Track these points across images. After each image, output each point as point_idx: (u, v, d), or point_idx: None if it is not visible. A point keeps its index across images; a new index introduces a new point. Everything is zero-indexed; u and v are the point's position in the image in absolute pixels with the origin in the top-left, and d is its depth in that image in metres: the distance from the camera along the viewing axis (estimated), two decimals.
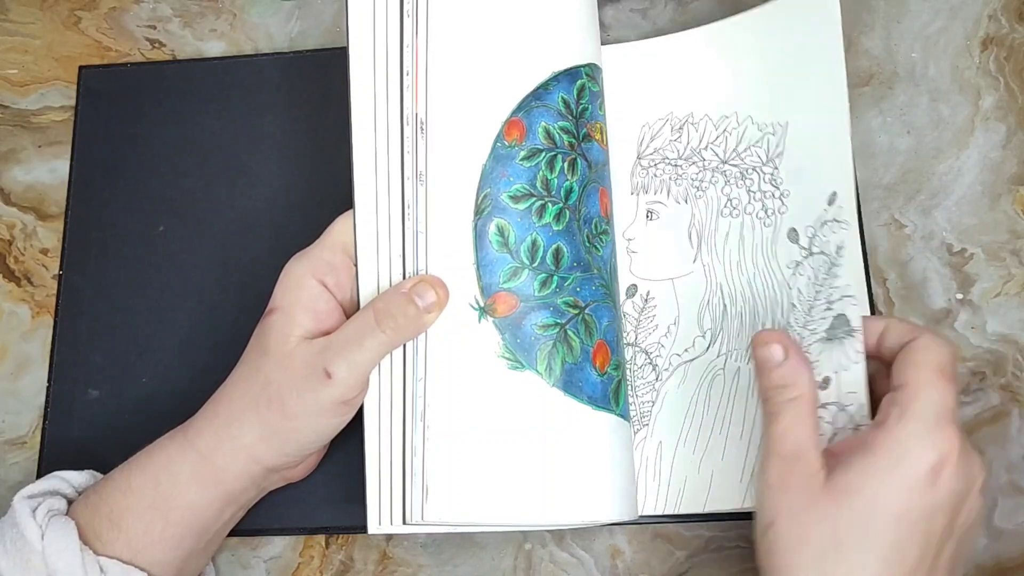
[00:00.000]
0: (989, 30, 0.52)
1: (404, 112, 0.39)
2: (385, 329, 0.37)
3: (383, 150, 0.39)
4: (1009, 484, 0.45)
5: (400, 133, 0.39)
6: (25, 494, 0.38)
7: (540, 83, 0.41)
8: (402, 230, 0.39)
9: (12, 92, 0.53)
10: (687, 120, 0.47)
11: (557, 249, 0.40)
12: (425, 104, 0.39)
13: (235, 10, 0.54)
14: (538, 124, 0.40)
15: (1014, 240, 0.48)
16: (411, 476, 0.38)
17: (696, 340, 0.44)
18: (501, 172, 0.40)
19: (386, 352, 0.38)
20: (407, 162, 0.39)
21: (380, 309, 0.37)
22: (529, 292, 0.39)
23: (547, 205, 0.40)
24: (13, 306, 0.50)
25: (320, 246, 0.39)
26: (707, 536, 0.45)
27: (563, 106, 0.41)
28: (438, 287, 0.38)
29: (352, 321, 0.37)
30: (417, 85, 0.39)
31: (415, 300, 0.37)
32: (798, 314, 0.41)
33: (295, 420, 0.37)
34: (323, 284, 0.38)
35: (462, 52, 0.40)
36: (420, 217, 0.39)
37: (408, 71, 0.39)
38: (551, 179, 0.40)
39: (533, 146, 0.40)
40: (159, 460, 0.38)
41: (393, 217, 0.39)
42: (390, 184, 0.39)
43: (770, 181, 0.44)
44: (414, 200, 0.39)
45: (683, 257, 0.45)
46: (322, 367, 0.36)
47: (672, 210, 0.46)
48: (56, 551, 0.35)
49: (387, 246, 0.39)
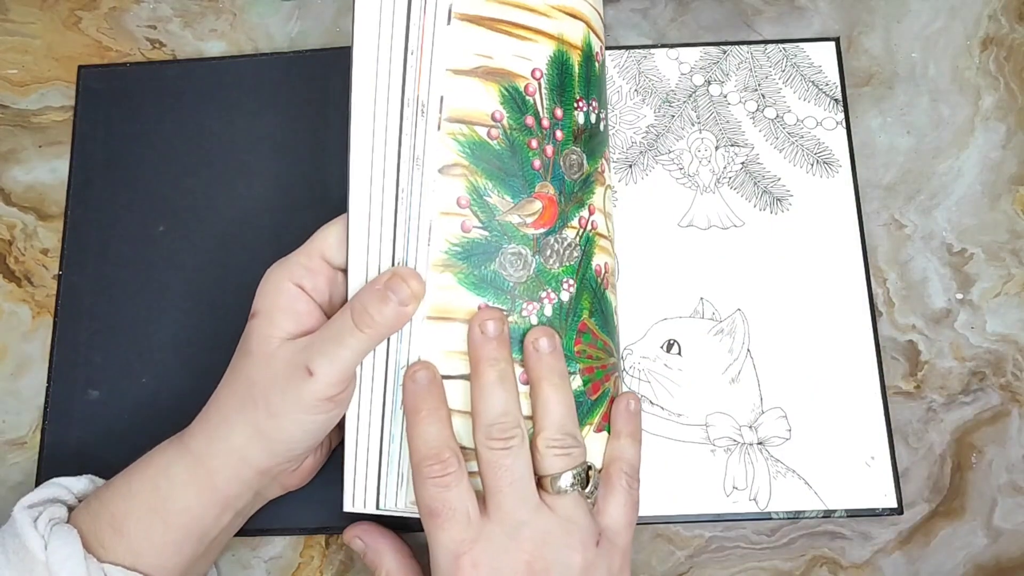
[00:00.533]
0: (989, 30, 0.52)
1: (405, 94, 0.39)
2: (364, 328, 0.37)
3: (381, 132, 0.39)
4: (1009, 484, 0.45)
5: (399, 115, 0.39)
6: (25, 503, 0.38)
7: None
8: (394, 214, 0.39)
9: (12, 92, 0.53)
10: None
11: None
12: (428, 87, 0.39)
13: (235, 10, 0.54)
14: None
15: (1014, 240, 0.48)
16: (387, 463, 0.38)
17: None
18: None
19: (367, 349, 0.37)
20: (405, 145, 0.39)
21: (357, 309, 0.37)
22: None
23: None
24: (13, 306, 0.50)
25: (299, 252, 0.39)
26: (707, 536, 0.45)
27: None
28: (411, 280, 0.37)
29: (333, 320, 0.37)
30: (421, 66, 0.39)
31: (390, 296, 0.37)
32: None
33: (280, 419, 0.37)
34: (301, 288, 0.38)
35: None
36: (414, 203, 0.39)
37: (412, 51, 0.39)
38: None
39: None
40: (158, 464, 0.38)
41: (387, 200, 0.39)
42: (386, 168, 0.39)
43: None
44: (408, 184, 0.39)
45: None
46: (304, 364, 0.36)
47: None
48: (60, 560, 0.35)
49: (379, 230, 0.39)
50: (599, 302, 0.41)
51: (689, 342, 0.47)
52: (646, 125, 0.50)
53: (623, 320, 0.46)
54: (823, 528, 0.45)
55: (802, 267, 0.48)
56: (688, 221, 0.49)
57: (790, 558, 0.45)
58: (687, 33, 0.52)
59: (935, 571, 0.44)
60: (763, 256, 0.48)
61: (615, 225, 0.47)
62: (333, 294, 0.39)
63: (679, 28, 0.53)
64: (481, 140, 0.38)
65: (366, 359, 0.38)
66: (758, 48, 0.51)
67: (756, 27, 0.52)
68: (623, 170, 0.49)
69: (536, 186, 0.39)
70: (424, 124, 0.38)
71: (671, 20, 0.53)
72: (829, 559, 0.45)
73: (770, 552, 0.45)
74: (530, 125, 0.39)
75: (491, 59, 0.39)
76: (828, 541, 0.45)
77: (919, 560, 0.44)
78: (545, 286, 0.39)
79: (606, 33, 0.52)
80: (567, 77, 0.40)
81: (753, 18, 0.52)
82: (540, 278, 0.39)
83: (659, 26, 0.53)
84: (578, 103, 0.40)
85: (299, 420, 0.37)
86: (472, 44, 0.38)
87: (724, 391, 0.46)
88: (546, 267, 0.39)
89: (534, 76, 0.39)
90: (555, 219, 0.39)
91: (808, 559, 0.45)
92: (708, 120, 0.50)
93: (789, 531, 0.45)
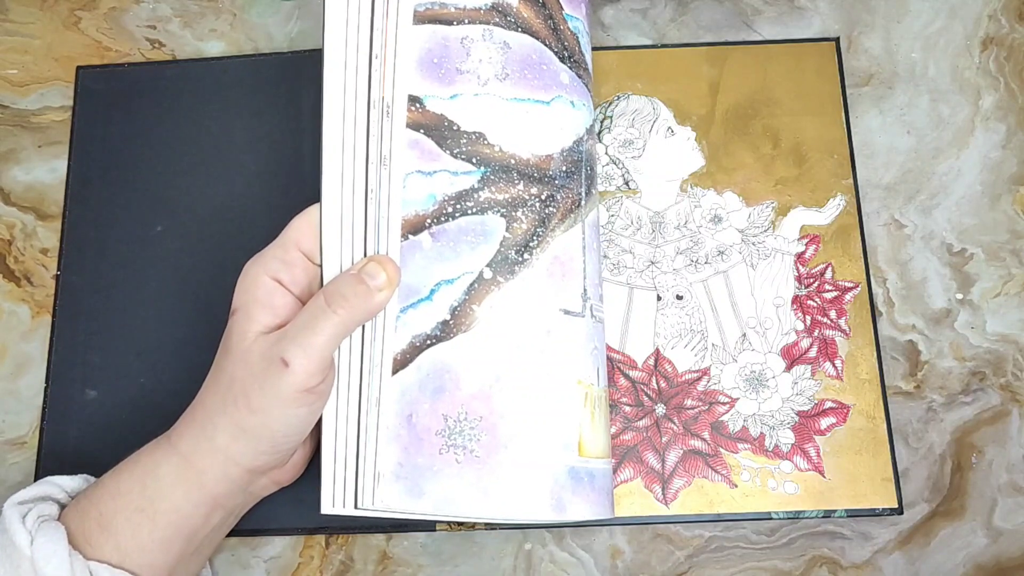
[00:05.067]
0: (989, 30, 0.52)
1: (371, 96, 0.40)
2: (336, 310, 0.37)
3: (350, 134, 0.40)
4: (1009, 484, 0.45)
5: (367, 117, 0.40)
6: (16, 500, 0.38)
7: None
8: (364, 214, 0.39)
9: (12, 92, 0.53)
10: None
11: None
12: (392, 88, 0.39)
13: (235, 10, 0.54)
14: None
15: (1014, 240, 0.48)
16: (364, 461, 0.38)
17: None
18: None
19: (342, 334, 0.37)
20: (372, 146, 0.39)
21: (330, 291, 0.37)
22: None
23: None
24: (13, 306, 0.49)
25: (274, 245, 0.40)
26: (707, 536, 0.45)
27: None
28: (387, 266, 0.38)
29: (305, 308, 0.37)
30: (385, 69, 0.39)
31: (365, 280, 0.37)
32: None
33: (261, 414, 0.37)
34: (278, 281, 0.38)
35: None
36: (383, 201, 0.39)
37: (377, 54, 0.39)
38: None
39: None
40: (146, 464, 0.38)
41: (357, 202, 0.39)
42: (355, 168, 0.39)
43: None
44: (377, 185, 0.39)
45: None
46: (278, 356, 0.36)
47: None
48: (45, 556, 0.35)
49: (350, 230, 0.39)
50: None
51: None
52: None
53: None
54: (823, 528, 0.45)
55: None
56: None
57: (790, 558, 0.45)
58: (687, 33, 0.52)
59: (935, 571, 0.44)
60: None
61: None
62: (312, 285, 0.40)
63: (679, 28, 0.53)
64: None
65: (341, 359, 0.38)
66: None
67: (756, 27, 0.52)
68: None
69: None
70: (390, 125, 0.39)
71: (671, 20, 0.53)
72: (829, 559, 0.44)
73: (770, 552, 0.45)
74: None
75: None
76: (828, 541, 0.45)
77: (919, 560, 0.44)
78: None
79: (606, 33, 0.52)
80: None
81: (753, 18, 0.52)
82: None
83: (659, 26, 0.53)
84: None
85: (280, 415, 0.37)
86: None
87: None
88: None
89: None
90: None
91: (808, 559, 0.45)
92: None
93: (789, 531, 0.45)
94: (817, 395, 0.46)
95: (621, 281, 0.48)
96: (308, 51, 0.52)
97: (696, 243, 0.48)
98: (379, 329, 0.39)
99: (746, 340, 0.47)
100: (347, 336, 0.38)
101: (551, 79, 0.41)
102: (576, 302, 0.41)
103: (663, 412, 0.46)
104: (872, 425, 0.45)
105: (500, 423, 0.38)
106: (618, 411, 0.46)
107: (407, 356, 0.39)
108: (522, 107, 0.41)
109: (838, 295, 0.47)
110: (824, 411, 0.46)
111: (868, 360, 0.46)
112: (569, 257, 0.41)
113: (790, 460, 0.45)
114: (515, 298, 0.39)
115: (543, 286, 0.40)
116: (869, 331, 0.46)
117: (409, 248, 0.39)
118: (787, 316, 0.47)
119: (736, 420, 0.46)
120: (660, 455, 0.45)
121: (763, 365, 0.46)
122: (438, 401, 0.38)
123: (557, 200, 0.41)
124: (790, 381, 0.46)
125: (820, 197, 0.49)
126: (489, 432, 0.38)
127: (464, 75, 0.40)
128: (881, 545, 0.45)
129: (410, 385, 0.39)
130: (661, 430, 0.46)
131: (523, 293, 0.40)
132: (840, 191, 0.49)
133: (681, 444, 0.45)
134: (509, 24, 0.41)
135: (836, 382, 0.46)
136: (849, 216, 0.48)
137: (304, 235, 0.39)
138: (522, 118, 0.41)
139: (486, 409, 0.39)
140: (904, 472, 0.45)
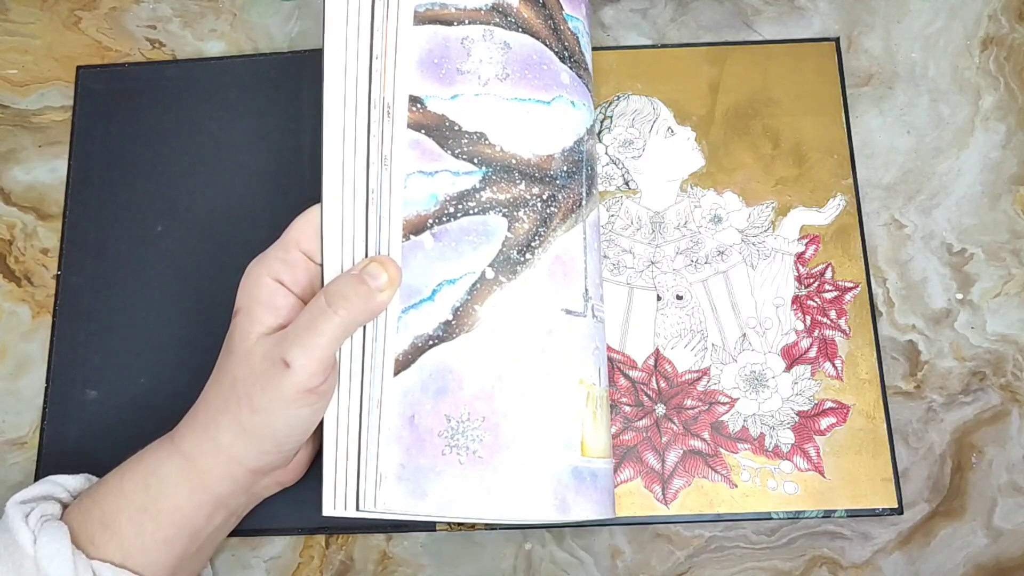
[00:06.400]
0: (989, 30, 0.52)
1: (372, 96, 0.40)
2: (337, 310, 0.37)
3: (351, 135, 0.40)
4: (1009, 484, 0.45)
5: (367, 117, 0.40)
6: (19, 499, 0.38)
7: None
8: (365, 215, 0.39)
9: (12, 92, 0.53)
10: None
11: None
12: (393, 89, 0.39)
13: (235, 10, 0.54)
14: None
15: (1014, 240, 0.48)
16: (365, 463, 0.38)
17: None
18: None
19: (343, 335, 0.37)
20: (373, 146, 0.39)
21: (331, 292, 0.37)
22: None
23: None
24: (13, 306, 0.49)
25: (276, 246, 0.40)
26: (707, 536, 0.45)
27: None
28: (389, 266, 0.38)
29: (306, 309, 0.38)
30: (385, 69, 0.39)
31: (366, 280, 0.37)
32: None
33: (264, 415, 0.37)
34: (280, 282, 0.39)
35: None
36: (384, 202, 0.39)
37: (377, 55, 0.39)
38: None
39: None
40: (149, 463, 0.38)
41: (358, 202, 0.39)
42: (356, 169, 0.39)
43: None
44: (378, 185, 0.39)
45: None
46: (280, 357, 0.36)
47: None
48: (48, 555, 0.35)
49: (351, 231, 0.39)
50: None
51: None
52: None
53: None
54: (823, 528, 0.45)
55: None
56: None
57: (790, 558, 0.45)
58: (687, 33, 0.52)
59: (935, 571, 0.44)
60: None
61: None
62: (314, 285, 0.40)
63: (679, 28, 0.53)
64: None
65: (342, 360, 0.39)
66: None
67: (756, 27, 0.52)
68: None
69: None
70: (391, 125, 0.39)
71: (671, 20, 0.53)
72: (829, 559, 0.45)
73: (770, 552, 0.45)
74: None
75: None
76: (828, 541, 0.45)
77: (919, 560, 0.44)
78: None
79: (606, 33, 0.52)
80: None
81: (753, 18, 0.52)
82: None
83: (659, 26, 0.53)
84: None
85: (282, 415, 0.37)
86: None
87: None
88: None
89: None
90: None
91: (808, 559, 0.45)
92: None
93: (789, 531, 0.45)
94: (817, 395, 0.46)
95: (621, 281, 0.48)
96: (308, 51, 0.52)
97: (696, 243, 0.48)
98: (381, 330, 0.39)
99: (746, 340, 0.47)
100: (348, 337, 0.38)
101: (551, 79, 0.41)
102: (578, 302, 0.41)
103: (663, 412, 0.46)
104: (872, 425, 0.45)
105: (503, 423, 0.38)
106: (618, 411, 0.46)
107: (409, 357, 0.39)
108: (523, 107, 0.41)
109: (838, 295, 0.47)
110: (824, 411, 0.46)
111: (868, 360, 0.46)
112: (570, 257, 0.41)
113: (790, 460, 0.45)
114: (517, 298, 0.39)
115: (545, 286, 0.40)
116: (869, 331, 0.47)
117: (411, 248, 0.39)
118: (787, 316, 0.47)
119: (736, 420, 0.46)
120: (660, 455, 0.45)
121: (763, 365, 0.46)
122: (440, 402, 0.38)
123: (558, 200, 0.41)
124: (790, 381, 0.46)
125: (820, 197, 0.49)
126: (492, 432, 0.38)
127: (465, 75, 0.40)
128: (881, 545, 0.45)
129: (412, 386, 0.39)
130: (661, 430, 0.46)
131: (525, 293, 0.40)
132: (840, 191, 0.49)
133: (681, 444, 0.45)
134: (509, 24, 0.41)
135: (836, 382, 0.46)
136: (849, 216, 0.48)
137: (305, 235, 0.39)
138: (523, 118, 0.41)
139: (488, 409, 0.39)
140: (904, 472, 0.45)
